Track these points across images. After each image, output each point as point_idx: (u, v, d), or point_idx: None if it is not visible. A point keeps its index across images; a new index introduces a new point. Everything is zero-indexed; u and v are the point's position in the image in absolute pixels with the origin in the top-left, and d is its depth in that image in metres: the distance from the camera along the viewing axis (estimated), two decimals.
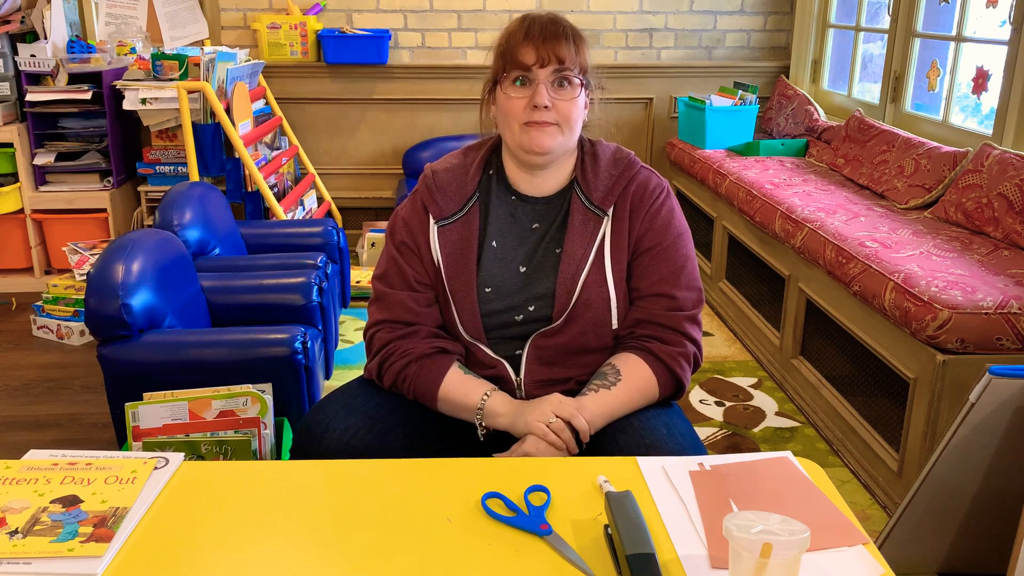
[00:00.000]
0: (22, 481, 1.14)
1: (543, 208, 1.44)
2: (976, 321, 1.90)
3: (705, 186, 3.61)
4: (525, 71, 1.35)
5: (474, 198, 1.44)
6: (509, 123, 1.38)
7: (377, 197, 4.29)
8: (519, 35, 1.36)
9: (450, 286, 1.42)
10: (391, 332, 1.43)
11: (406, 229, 1.45)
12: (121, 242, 2.00)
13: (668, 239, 1.42)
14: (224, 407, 1.79)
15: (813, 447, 2.46)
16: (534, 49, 1.34)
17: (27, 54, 3.49)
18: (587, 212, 1.42)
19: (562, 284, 1.39)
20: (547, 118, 1.35)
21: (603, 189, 1.42)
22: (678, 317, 1.41)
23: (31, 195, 3.60)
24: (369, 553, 1.03)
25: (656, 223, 1.42)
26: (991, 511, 1.78)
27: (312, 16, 4.00)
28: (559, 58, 1.34)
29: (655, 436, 1.32)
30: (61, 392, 2.81)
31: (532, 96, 1.35)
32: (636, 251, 1.42)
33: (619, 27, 4.19)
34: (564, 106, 1.36)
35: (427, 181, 1.46)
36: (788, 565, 0.86)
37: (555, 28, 1.36)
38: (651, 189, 1.43)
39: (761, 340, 3.03)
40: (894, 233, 2.45)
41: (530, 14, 1.40)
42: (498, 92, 1.39)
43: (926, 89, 3.13)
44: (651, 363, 1.39)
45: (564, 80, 1.36)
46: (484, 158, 1.47)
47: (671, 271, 1.41)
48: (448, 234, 1.43)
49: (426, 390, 1.39)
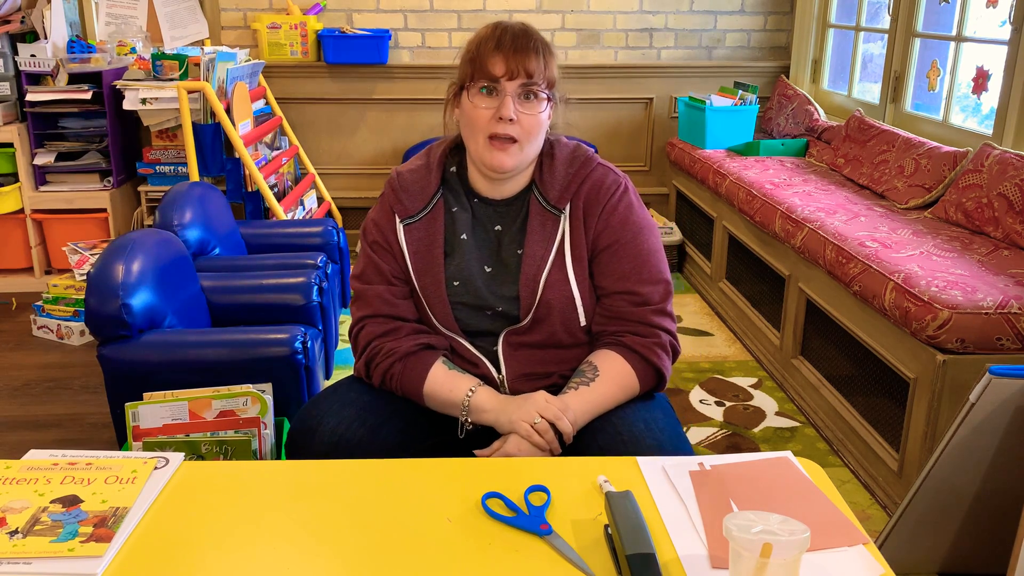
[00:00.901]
0: (22, 481, 1.14)
1: (504, 210, 1.47)
2: (976, 321, 1.90)
3: (705, 186, 3.61)
4: (493, 82, 1.36)
5: (437, 195, 1.46)
6: (473, 133, 1.39)
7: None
8: (490, 44, 1.36)
9: (419, 282, 1.44)
10: (374, 327, 1.45)
11: (376, 229, 1.49)
12: (121, 242, 2.00)
13: (627, 235, 1.43)
14: (224, 407, 1.79)
15: (813, 447, 2.46)
16: (504, 60, 1.35)
17: (27, 54, 3.49)
18: (545, 212, 1.43)
19: (525, 285, 1.42)
20: (511, 131, 1.36)
21: (559, 188, 1.43)
22: (645, 312, 1.43)
23: (31, 195, 3.60)
24: (369, 553, 1.03)
25: (613, 220, 1.43)
26: (991, 511, 1.78)
27: (312, 16, 4.00)
28: (528, 72, 1.35)
29: (632, 432, 1.33)
30: (61, 392, 2.81)
31: (498, 108, 1.36)
32: (595, 249, 1.44)
33: (619, 27, 4.19)
34: (528, 120, 1.37)
35: (392, 183, 1.50)
36: (788, 565, 0.86)
37: (526, 41, 1.36)
38: (606, 186, 1.44)
39: (761, 340, 3.03)
40: (894, 233, 2.45)
41: (502, 23, 1.40)
42: (464, 98, 1.40)
43: (926, 89, 3.13)
44: (627, 356, 1.41)
45: (531, 94, 1.37)
46: (443, 155, 1.49)
47: (632, 267, 1.43)
48: (414, 232, 1.45)
49: (412, 387, 1.41)
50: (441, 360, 1.43)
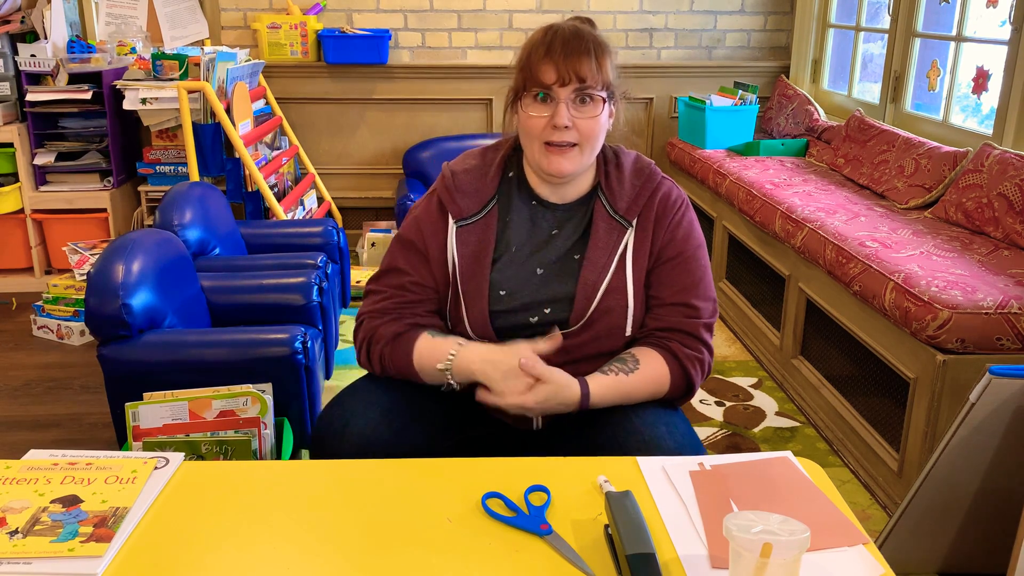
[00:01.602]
0: (22, 481, 1.14)
1: (564, 215, 1.44)
2: (976, 321, 1.90)
3: (705, 186, 3.61)
4: (545, 89, 1.33)
5: (493, 200, 1.43)
6: (530, 140, 1.37)
7: (377, 197, 4.29)
8: (540, 51, 1.33)
9: (463, 288, 1.41)
10: (373, 320, 1.43)
11: (416, 228, 1.44)
12: (121, 242, 2.00)
13: (689, 250, 1.43)
14: (224, 407, 1.79)
15: (813, 447, 2.46)
16: (554, 67, 1.31)
17: (27, 54, 3.49)
18: (611, 221, 1.41)
19: (582, 289, 1.39)
20: (567, 138, 1.34)
21: (628, 199, 1.42)
22: (697, 324, 1.43)
23: (31, 195, 3.60)
24: (369, 553, 1.03)
25: (679, 234, 1.43)
26: (991, 511, 1.78)
27: (312, 16, 4.00)
28: (580, 76, 1.32)
29: (654, 433, 1.33)
30: (61, 392, 2.81)
31: (552, 115, 1.33)
32: (658, 260, 1.42)
33: (619, 27, 4.19)
34: (585, 124, 1.34)
35: (446, 181, 1.45)
36: (788, 565, 0.86)
37: (577, 44, 1.32)
38: (673, 200, 1.44)
39: (761, 340, 3.03)
40: (894, 233, 2.44)
41: (553, 26, 1.36)
42: (519, 106, 1.37)
43: (926, 89, 3.13)
44: (668, 361, 1.41)
45: (586, 97, 1.34)
46: (503, 159, 1.46)
47: (692, 281, 1.42)
48: (466, 235, 1.42)
49: (403, 366, 1.39)
50: (426, 332, 1.40)
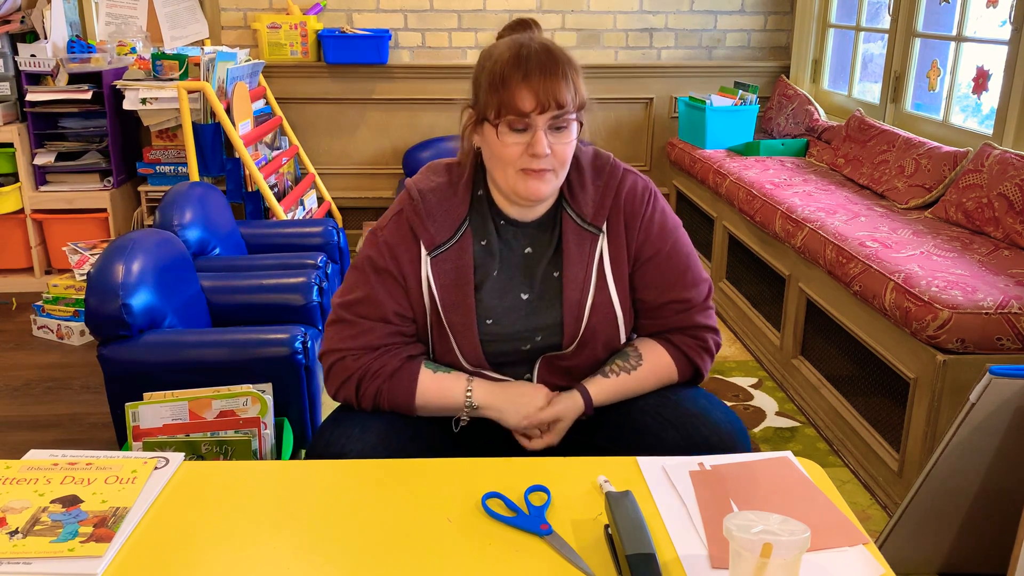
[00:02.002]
0: (22, 481, 1.14)
1: (534, 231, 1.38)
2: (976, 321, 1.90)
3: (705, 186, 3.61)
4: (523, 116, 1.25)
5: (465, 223, 1.35)
6: (502, 166, 1.29)
7: (377, 197, 4.29)
8: (517, 76, 1.24)
9: (448, 319, 1.35)
10: (358, 360, 1.34)
11: (390, 255, 1.35)
12: (121, 242, 2.00)
13: (667, 244, 1.39)
14: (224, 407, 1.79)
15: (813, 447, 2.46)
16: (533, 94, 1.23)
17: (27, 54, 3.49)
18: (581, 231, 1.36)
19: (569, 312, 1.36)
20: (544, 165, 1.27)
21: (593, 203, 1.36)
22: (691, 315, 1.42)
23: (31, 195, 3.60)
24: (369, 553, 1.03)
25: (653, 230, 1.38)
26: (991, 511, 1.78)
27: (312, 16, 4.00)
28: (559, 103, 1.24)
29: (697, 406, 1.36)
30: (61, 392, 2.81)
31: (530, 144, 1.26)
32: (637, 261, 1.39)
33: (619, 27, 4.19)
34: (561, 150, 1.28)
35: (415, 205, 1.36)
36: (788, 565, 0.86)
37: (553, 67, 1.24)
38: (639, 195, 1.38)
39: (761, 340, 3.03)
40: (894, 233, 2.44)
41: (522, 47, 1.26)
42: (487, 129, 1.28)
43: (926, 89, 3.13)
44: (671, 352, 1.42)
45: (562, 124, 1.27)
46: (471, 178, 1.38)
47: (676, 275, 1.40)
48: (442, 264, 1.34)
49: (403, 403, 1.34)
50: (424, 365, 1.36)
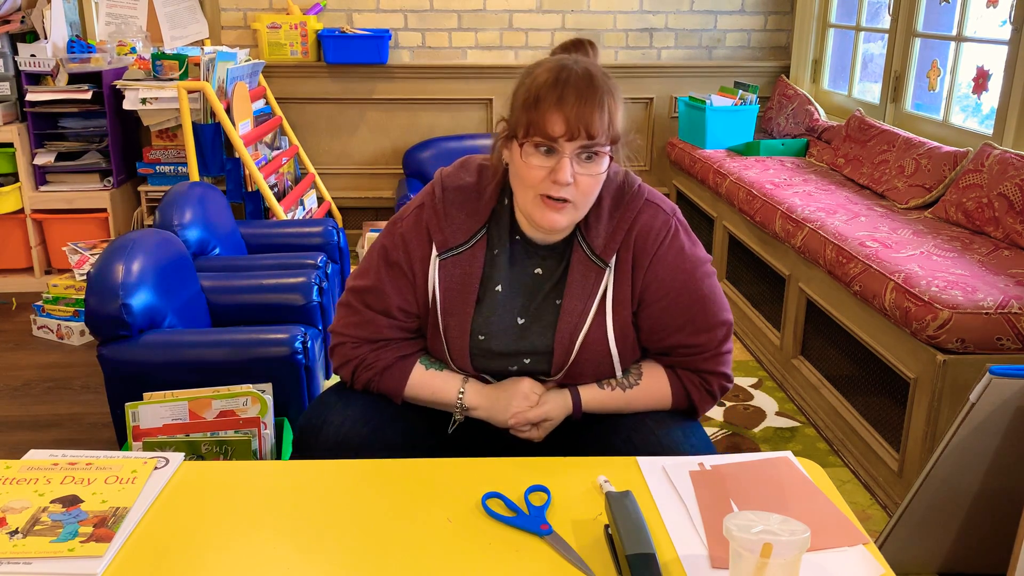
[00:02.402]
0: (22, 481, 1.14)
1: (546, 253, 1.36)
2: (976, 321, 1.90)
3: (705, 186, 3.61)
4: (551, 140, 1.21)
5: (482, 231, 1.34)
6: (524, 188, 1.26)
7: (377, 197, 4.29)
8: (551, 99, 1.20)
9: (444, 321, 1.35)
10: (357, 349, 1.40)
11: (404, 249, 1.36)
12: (121, 242, 2.00)
13: (676, 285, 1.32)
14: (224, 407, 1.79)
15: (813, 447, 2.46)
16: (564, 119, 1.19)
17: (27, 54, 3.49)
18: (588, 263, 1.32)
19: (560, 342, 1.34)
20: (565, 194, 1.23)
21: (604, 237, 1.32)
22: (698, 360, 1.37)
23: (31, 195, 3.60)
24: (369, 553, 1.03)
25: (660, 272, 1.32)
26: (991, 511, 1.78)
27: (312, 16, 4.00)
28: (590, 133, 1.20)
29: (671, 439, 1.33)
30: (61, 392, 2.81)
31: (554, 169, 1.22)
32: (642, 303, 1.34)
33: (619, 27, 4.19)
34: (586, 182, 1.23)
35: (435, 204, 1.34)
36: (788, 565, 0.86)
37: (591, 95, 1.20)
38: (655, 231, 1.32)
39: (761, 340, 3.03)
40: (894, 233, 2.44)
41: (563, 69, 1.23)
42: (515, 147, 1.25)
43: (926, 89, 3.13)
44: (672, 381, 1.39)
45: (592, 154, 1.23)
46: (498, 186, 1.35)
47: (686, 319, 1.34)
48: (450, 267, 1.34)
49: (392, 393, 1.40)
50: (419, 362, 1.40)
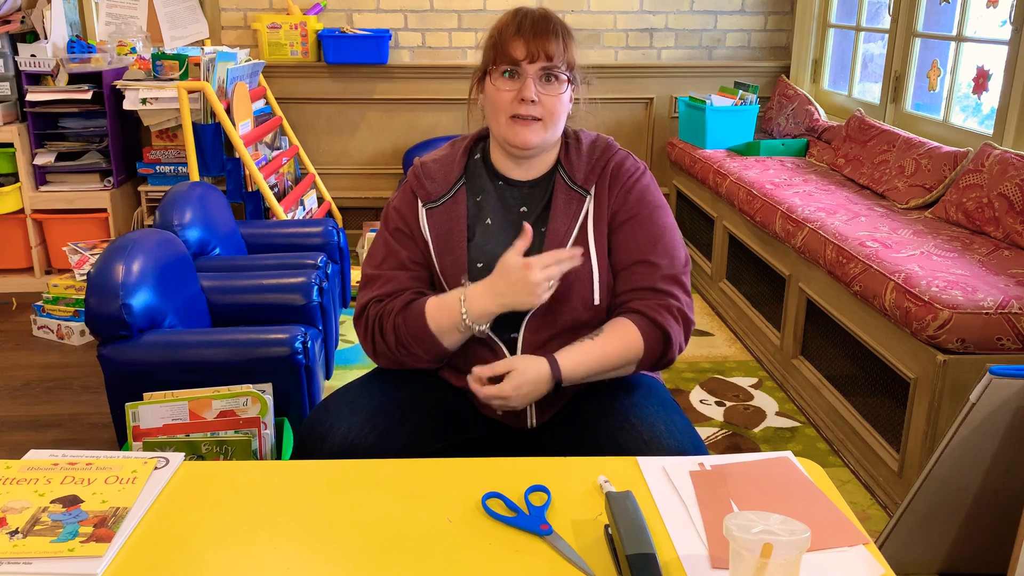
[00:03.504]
0: (22, 481, 1.14)
1: (529, 191, 1.50)
2: (976, 321, 1.90)
3: (705, 186, 3.61)
4: (514, 65, 1.40)
5: (460, 182, 1.50)
6: (496, 115, 1.43)
7: (377, 197, 4.29)
8: (511, 29, 1.41)
9: (440, 264, 1.47)
10: (379, 305, 1.46)
11: (398, 215, 1.51)
12: (121, 242, 2.00)
13: (644, 211, 1.47)
14: (224, 407, 1.79)
15: (813, 447, 2.46)
16: (524, 44, 1.39)
17: (27, 54, 3.50)
18: (570, 192, 1.47)
19: None
20: (533, 112, 1.40)
21: (585, 169, 1.48)
22: (654, 278, 1.44)
23: (31, 195, 3.60)
24: (369, 553, 1.03)
25: (631, 196, 1.47)
26: (991, 511, 1.78)
27: (312, 16, 4.00)
28: (548, 54, 1.39)
29: (654, 433, 1.33)
30: (61, 392, 2.81)
31: (520, 89, 1.40)
32: (613, 224, 1.47)
33: (619, 27, 4.19)
34: (550, 101, 1.41)
35: (415, 170, 1.53)
36: (788, 565, 0.86)
37: (545, 25, 1.41)
38: (627, 167, 1.49)
39: (761, 340, 3.03)
40: (894, 233, 2.44)
41: (522, 8, 1.45)
42: (487, 83, 1.44)
43: (926, 89, 3.13)
44: (632, 318, 1.42)
45: (551, 76, 1.41)
46: (469, 145, 1.54)
47: (648, 241, 1.45)
48: (436, 215, 1.48)
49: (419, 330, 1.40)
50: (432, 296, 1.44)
